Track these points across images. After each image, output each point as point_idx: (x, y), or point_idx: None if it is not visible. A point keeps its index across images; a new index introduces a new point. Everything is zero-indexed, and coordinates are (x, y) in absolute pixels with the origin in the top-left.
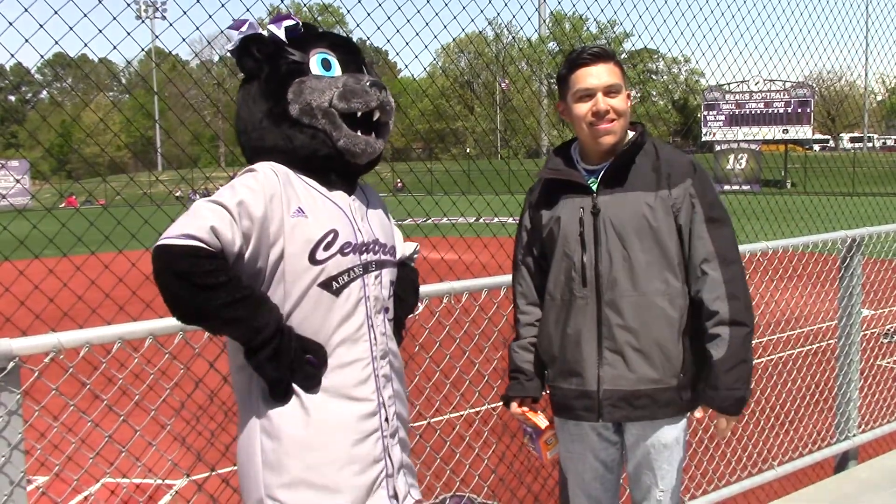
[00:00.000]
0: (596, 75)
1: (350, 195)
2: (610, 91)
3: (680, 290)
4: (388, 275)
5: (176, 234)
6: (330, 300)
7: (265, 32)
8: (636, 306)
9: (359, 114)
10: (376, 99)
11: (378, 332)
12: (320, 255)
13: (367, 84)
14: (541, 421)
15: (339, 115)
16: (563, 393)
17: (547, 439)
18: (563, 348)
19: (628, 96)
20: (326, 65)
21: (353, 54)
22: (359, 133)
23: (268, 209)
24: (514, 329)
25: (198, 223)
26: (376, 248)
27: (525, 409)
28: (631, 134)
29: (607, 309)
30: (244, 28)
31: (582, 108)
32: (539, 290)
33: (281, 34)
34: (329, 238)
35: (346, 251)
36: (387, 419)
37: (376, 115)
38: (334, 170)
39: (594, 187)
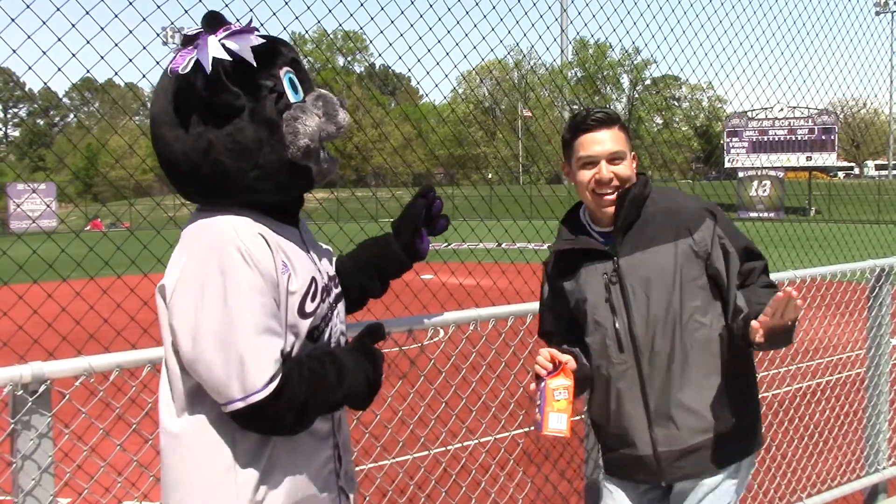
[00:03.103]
0: (600, 142)
1: (297, 228)
2: (614, 158)
3: (715, 335)
4: (342, 305)
5: (252, 388)
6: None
7: (225, 46)
8: (676, 363)
9: None
10: (345, 118)
11: None
12: (309, 306)
13: (338, 104)
14: (565, 359)
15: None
16: (620, 457)
17: (557, 390)
18: (611, 416)
19: (633, 158)
20: (294, 86)
21: (300, 65)
22: (327, 153)
23: (272, 282)
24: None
25: (260, 360)
26: (334, 283)
27: (553, 350)
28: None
29: (648, 370)
30: (203, 48)
31: (585, 175)
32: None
33: (249, 55)
34: (312, 288)
35: (324, 297)
36: (340, 463)
37: None
38: (294, 201)
39: (612, 251)
